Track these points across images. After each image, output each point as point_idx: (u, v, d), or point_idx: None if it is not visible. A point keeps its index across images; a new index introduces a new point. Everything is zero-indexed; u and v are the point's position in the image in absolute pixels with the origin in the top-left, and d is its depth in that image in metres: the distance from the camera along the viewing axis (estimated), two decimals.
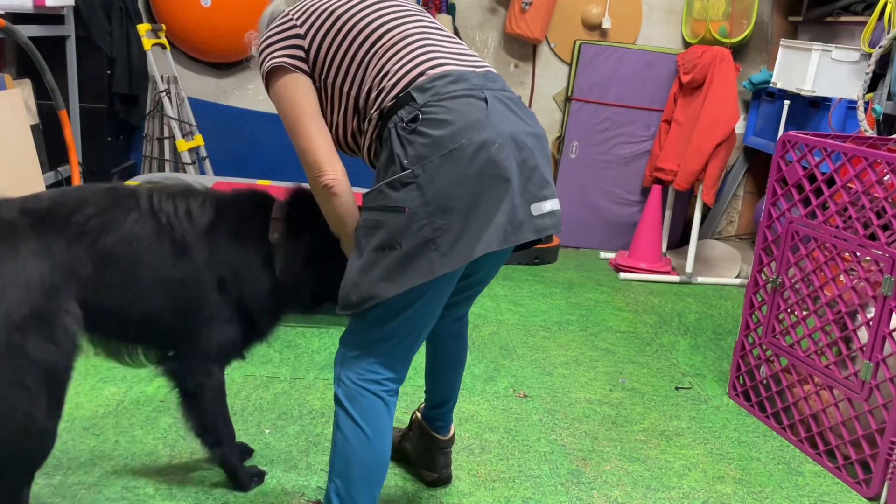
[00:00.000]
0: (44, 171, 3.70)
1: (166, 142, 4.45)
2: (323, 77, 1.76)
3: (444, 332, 2.13)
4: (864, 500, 2.43)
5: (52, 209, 1.81)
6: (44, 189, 3.58)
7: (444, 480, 2.29)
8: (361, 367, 1.74)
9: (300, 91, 1.75)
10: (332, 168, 1.71)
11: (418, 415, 2.29)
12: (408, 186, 1.59)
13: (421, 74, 1.67)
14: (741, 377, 2.99)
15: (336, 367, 1.78)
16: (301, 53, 1.75)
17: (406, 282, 1.61)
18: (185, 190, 1.99)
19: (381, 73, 1.70)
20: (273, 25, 1.79)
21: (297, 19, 1.77)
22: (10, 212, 1.78)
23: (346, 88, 1.74)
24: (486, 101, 1.65)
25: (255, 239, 1.98)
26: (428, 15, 1.87)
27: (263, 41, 1.79)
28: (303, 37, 1.75)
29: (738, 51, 4.70)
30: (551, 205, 1.70)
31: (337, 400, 1.77)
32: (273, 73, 1.75)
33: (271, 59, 1.75)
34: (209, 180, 3.67)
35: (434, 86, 1.65)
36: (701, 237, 4.71)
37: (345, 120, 1.78)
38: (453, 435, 2.27)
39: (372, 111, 1.71)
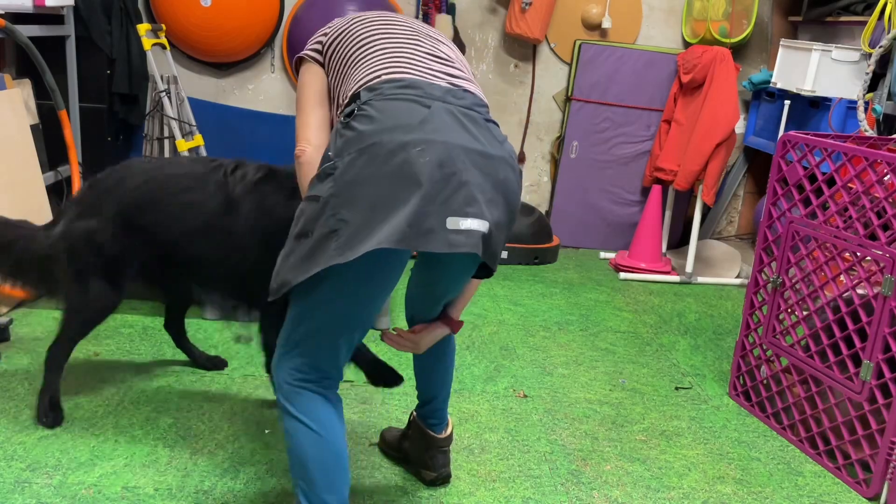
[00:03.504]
0: (44, 171, 3.70)
1: (166, 142, 4.44)
2: (328, 74, 1.90)
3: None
4: (864, 500, 2.43)
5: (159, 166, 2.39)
6: (42, 189, 3.59)
7: (443, 480, 2.29)
8: (292, 367, 1.76)
9: (309, 77, 1.92)
10: (306, 140, 1.84)
11: (415, 413, 2.29)
12: (328, 177, 1.64)
13: (376, 77, 1.74)
14: (741, 377, 2.99)
15: (274, 372, 1.81)
16: (320, 47, 1.93)
17: (307, 270, 1.62)
18: (257, 165, 2.33)
19: (354, 76, 1.80)
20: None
21: (330, 27, 1.96)
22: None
23: (337, 88, 1.87)
24: (428, 108, 1.66)
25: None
26: (435, 39, 1.93)
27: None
28: (326, 35, 1.94)
29: (738, 51, 4.70)
30: (472, 223, 1.62)
31: (279, 405, 1.79)
32: (297, 62, 1.97)
33: (301, 53, 1.96)
34: None
35: (381, 87, 1.70)
36: (701, 237, 4.71)
37: (334, 115, 1.89)
38: (451, 434, 2.27)
39: (338, 112, 1.82)
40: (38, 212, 3.51)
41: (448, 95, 1.72)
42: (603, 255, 4.75)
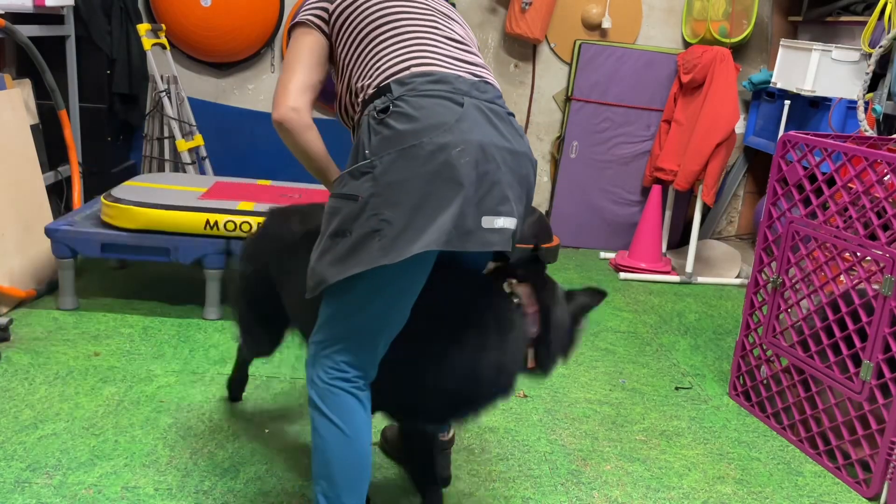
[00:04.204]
0: (44, 171, 3.70)
1: (166, 142, 4.45)
2: (336, 45, 1.84)
3: None
4: (864, 500, 2.43)
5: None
6: (42, 189, 3.58)
7: (444, 481, 2.29)
8: (329, 365, 1.75)
9: (306, 42, 1.83)
10: (284, 103, 1.76)
11: None
12: (365, 176, 1.63)
13: (405, 69, 1.71)
14: (741, 377, 2.99)
15: (307, 369, 1.80)
16: (325, 15, 1.83)
17: (347, 269, 1.62)
18: None
19: (375, 60, 1.75)
20: None
21: None
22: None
23: (347, 63, 1.81)
24: (461, 105, 1.66)
25: None
26: (448, 17, 1.89)
27: (301, 8, 1.89)
28: (331, 2, 1.84)
29: (738, 51, 4.70)
30: (504, 222, 1.66)
31: (311, 402, 1.79)
32: (293, 28, 1.86)
33: (297, 17, 1.86)
34: (208, 180, 3.67)
35: (413, 82, 1.68)
36: (701, 237, 4.71)
37: (342, 91, 1.85)
38: (453, 436, 2.28)
39: (359, 98, 1.77)
40: (38, 212, 3.51)
41: (474, 90, 1.72)
42: (603, 255, 4.75)
